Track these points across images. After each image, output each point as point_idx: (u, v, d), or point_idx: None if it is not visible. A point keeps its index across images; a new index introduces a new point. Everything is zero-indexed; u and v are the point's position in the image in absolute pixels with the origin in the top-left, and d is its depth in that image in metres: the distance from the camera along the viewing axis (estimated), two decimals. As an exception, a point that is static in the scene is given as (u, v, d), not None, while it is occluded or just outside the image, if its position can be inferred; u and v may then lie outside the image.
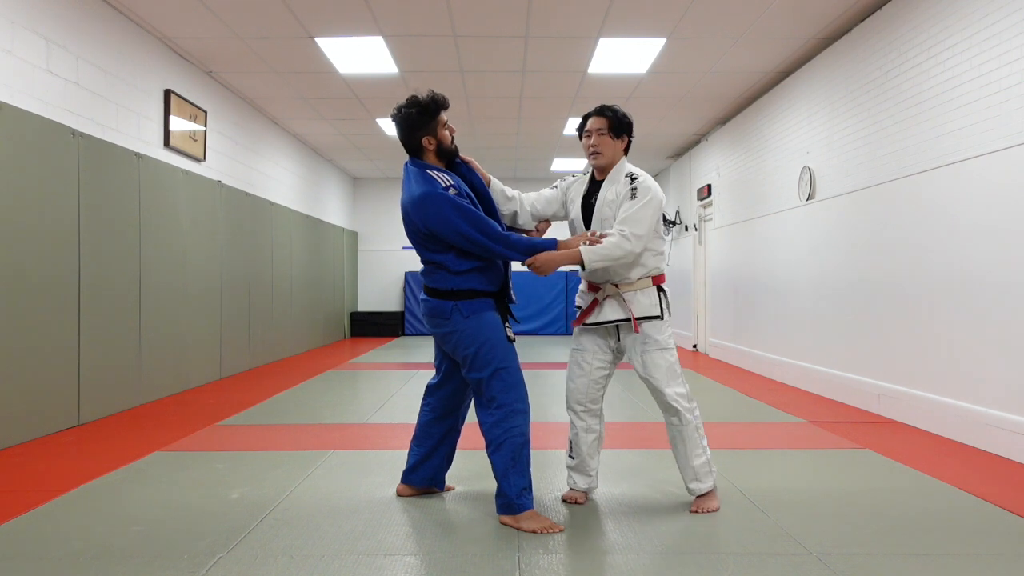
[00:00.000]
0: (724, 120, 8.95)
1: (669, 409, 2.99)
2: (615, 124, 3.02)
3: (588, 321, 3.04)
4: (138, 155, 5.57)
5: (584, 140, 3.09)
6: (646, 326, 2.97)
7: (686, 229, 10.77)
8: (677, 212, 11.28)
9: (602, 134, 3.02)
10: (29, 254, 4.32)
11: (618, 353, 3.12)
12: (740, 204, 8.37)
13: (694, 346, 10.37)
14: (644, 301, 2.98)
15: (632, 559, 2.49)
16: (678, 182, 11.40)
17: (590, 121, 3.06)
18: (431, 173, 2.88)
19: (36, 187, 4.40)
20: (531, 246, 2.89)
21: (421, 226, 2.83)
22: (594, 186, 3.09)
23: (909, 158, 4.85)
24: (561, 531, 2.75)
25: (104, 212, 5.09)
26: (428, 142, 2.92)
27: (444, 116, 2.96)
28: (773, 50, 6.34)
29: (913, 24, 4.82)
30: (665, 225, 11.51)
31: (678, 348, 10.71)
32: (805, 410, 5.38)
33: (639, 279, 2.99)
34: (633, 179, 2.97)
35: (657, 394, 3.00)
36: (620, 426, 4.80)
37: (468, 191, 2.93)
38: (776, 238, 7.24)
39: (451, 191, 2.81)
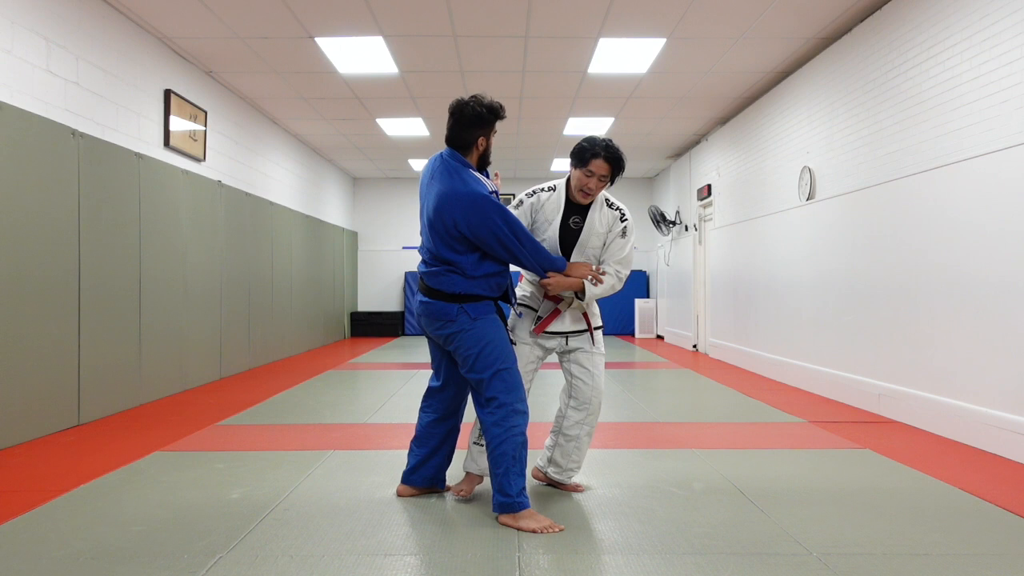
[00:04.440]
0: (724, 120, 8.95)
1: (594, 406, 3.20)
2: (615, 175, 3.06)
3: (550, 329, 3.16)
4: (138, 155, 5.57)
5: (582, 176, 3.02)
6: (597, 335, 3.22)
7: (686, 229, 10.77)
8: (677, 212, 11.28)
9: (603, 181, 3.04)
10: (29, 254, 4.32)
11: (548, 354, 3.26)
12: (740, 204, 8.37)
13: (694, 346, 10.37)
14: (596, 311, 3.25)
15: (632, 559, 2.49)
16: (678, 182, 11.39)
17: (598, 163, 2.99)
18: (475, 174, 2.93)
19: (36, 187, 4.40)
20: (552, 262, 2.99)
21: (462, 224, 2.81)
22: (570, 208, 3.12)
23: (909, 158, 4.85)
24: (561, 530, 2.75)
25: (104, 212, 5.09)
26: (481, 143, 2.97)
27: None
28: (773, 50, 6.34)
29: (913, 24, 4.82)
30: (665, 225, 11.52)
31: (678, 348, 10.72)
32: (805, 410, 5.39)
33: None
34: (623, 217, 3.14)
35: (594, 392, 3.18)
36: (620, 426, 4.80)
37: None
38: (776, 238, 7.24)
39: (493, 196, 2.88)
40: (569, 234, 3.11)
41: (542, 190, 3.17)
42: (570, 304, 3.13)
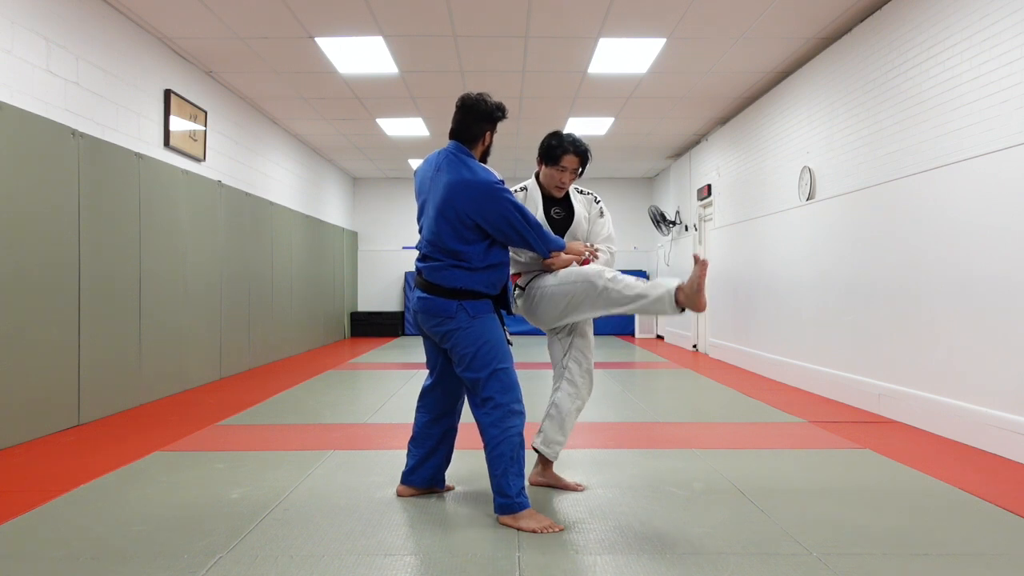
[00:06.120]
0: (724, 120, 8.95)
1: (587, 382, 3.32)
2: (583, 166, 3.24)
3: None
4: (138, 155, 5.57)
5: (555, 172, 3.21)
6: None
7: (686, 229, 10.77)
8: (677, 212, 11.27)
9: (575, 173, 3.24)
10: (29, 254, 4.32)
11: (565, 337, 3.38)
12: (740, 204, 8.37)
13: (694, 346, 10.37)
14: None
15: (632, 559, 2.49)
16: (678, 182, 11.39)
17: (569, 159, 3.18)
18: (485, 165, 3.01)
19: (36, 187, 4.40)
20: (556, 242, 3.09)
21: (474, 212, 2.86)
22: (547, 202, 3.30)
23: (909, 158, 4.85)
24: (561, 530, 2.75)
25: (104, 212, 5.09)
26: (487, 137, 3.06)
27: None
28: (773, 50, 6.34)
29: (913, 24, 4.82)
30: (665, 225, 11.52)
31: (678, 348, 10.72)
32: (805, 410, 5.39)
33: None
34: (596, 200, 3.39)
35: (587, 370, 3.31)
36: (620, 426, 4.80)
37: None
38: (776, 238, 7.24)
39: (501, 184, 2.94)
40: (554, 225, 3.28)
41: (516, 191, 3.30)
42: None
